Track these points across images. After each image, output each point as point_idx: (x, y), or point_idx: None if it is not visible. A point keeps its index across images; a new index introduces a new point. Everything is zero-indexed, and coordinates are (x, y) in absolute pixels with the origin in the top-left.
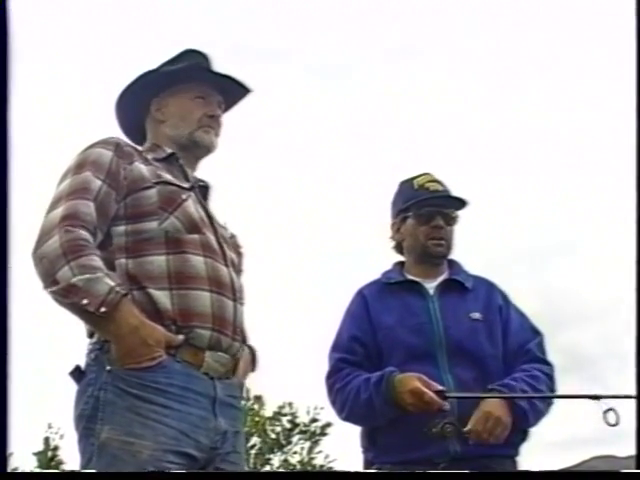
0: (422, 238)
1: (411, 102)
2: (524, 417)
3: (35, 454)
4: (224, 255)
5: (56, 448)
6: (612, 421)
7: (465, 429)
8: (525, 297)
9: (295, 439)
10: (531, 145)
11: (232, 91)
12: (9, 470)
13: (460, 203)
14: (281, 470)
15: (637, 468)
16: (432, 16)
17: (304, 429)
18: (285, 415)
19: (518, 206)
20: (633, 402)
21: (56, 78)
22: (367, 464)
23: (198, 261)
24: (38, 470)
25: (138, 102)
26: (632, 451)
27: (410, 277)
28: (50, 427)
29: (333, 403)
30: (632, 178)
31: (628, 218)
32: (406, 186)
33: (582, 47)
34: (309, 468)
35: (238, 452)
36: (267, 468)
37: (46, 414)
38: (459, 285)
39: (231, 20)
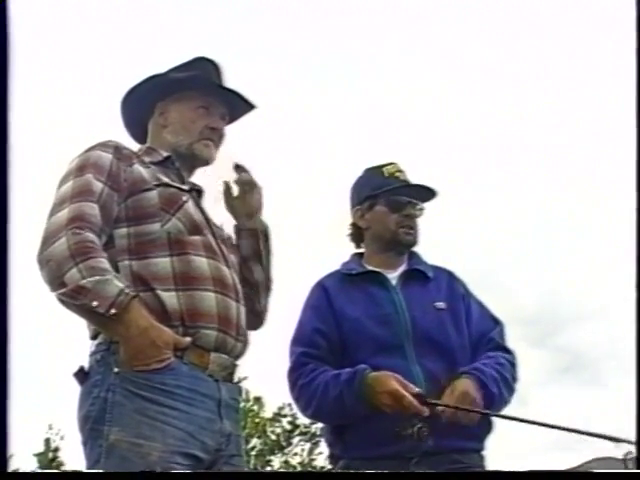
0: (393, 226)
1: (408, 99)
2: (492, 402)
3: (36, 455)
4: (224, 256)
5: (57, 449)
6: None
7: (439, 408)
8: (526, 297)
9: (295, 440)
10: (531, 145)
11: (237, 105)
12: (10, 471)
13: (430, 194)
14: (282, 470)
15: (637, 468)
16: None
17: (304, 430)
18: (285, 416)
19: (519, 206)
20: (633, 398)
21: (56, 78)
22: (334, 459)
23: (202, 262)
24: (39, 471)
25: (144, 103)
26: (632, 453)
27: (371, 268)
28: (51, 428)
29: (297, 400)
30: (632, 177)
31: (628, 218)
32: (374, 173)
33: (580, 48)
34: (310, 469)
35: (241, 455)
36: (267, 469)
37: (47, 415)
38: (421, 275)
39: (232, 19)
